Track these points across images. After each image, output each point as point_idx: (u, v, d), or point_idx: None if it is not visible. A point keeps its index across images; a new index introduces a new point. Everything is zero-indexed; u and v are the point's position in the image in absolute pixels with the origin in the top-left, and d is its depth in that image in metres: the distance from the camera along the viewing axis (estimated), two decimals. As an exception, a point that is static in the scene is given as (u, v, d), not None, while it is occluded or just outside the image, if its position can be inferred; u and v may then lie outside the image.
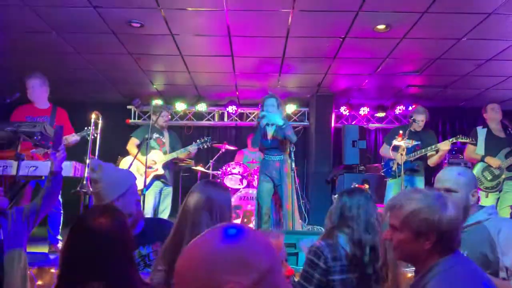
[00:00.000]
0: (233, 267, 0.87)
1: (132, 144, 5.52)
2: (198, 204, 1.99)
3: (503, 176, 4.85)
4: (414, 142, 4.89)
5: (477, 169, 5.00)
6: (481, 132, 5.12)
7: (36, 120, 4.46)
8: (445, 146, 4.95)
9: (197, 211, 1.97)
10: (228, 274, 0.86)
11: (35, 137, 3.50)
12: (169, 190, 5.64)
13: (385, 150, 5.41)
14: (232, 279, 0.85)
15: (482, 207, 2.26)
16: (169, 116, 5.85)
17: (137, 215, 2.37)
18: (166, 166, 5.52)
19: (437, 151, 5.06)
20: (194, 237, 1.92)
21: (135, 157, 5.12)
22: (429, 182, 5.10)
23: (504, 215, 4.84)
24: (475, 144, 5.06)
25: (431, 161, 5.17)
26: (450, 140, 5.03)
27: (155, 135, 5.54)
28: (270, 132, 4.86)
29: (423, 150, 5.05)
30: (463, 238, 2.11)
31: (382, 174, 5.58)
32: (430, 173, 5.08)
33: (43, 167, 3.92)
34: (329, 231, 2.28)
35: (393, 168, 5.11)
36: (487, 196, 4.88)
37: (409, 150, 5.04)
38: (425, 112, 5.30)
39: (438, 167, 5.29)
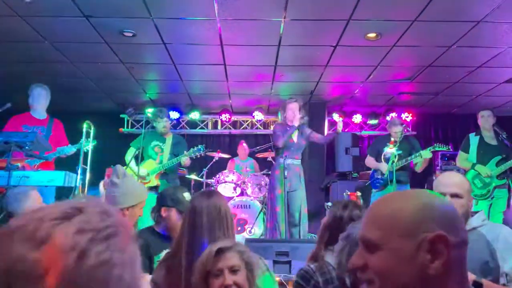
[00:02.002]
0: (445, 222, 0.93)
1: (129, 154, 5.30)
2: (213, 212, 2.01)
3: (493, 185, 4.87)
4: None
5: (467, 177, 5.02)
6: (474, 139, 5.13)
7: (32, 129, 4.47)
8: (427, 154, 5.09)
9: (213, 219, 1.99)
10: (438, 225, 0.91)
11: (26, 147, 3.50)
12: None
13: (369, 161, 5.57)
14: (440, 232, 0.90)
15: (475, 212, 2.26)
16: (168, 121, 5.44)
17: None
18: (164, 176, 5.21)
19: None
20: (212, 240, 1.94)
21: (126, 168, 5.08)
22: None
23: (496, 221, 4.88)
24: (468, 152, 5.12)
25: (418, 167, 5.27)
26: (429, 148, 5.15)
27: (154, 143, 5.29)
28: (294, 135, 4.91)
29: (408, 158, 5.17)
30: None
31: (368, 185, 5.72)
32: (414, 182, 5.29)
33: (35, 177, 3.91)
34: (316, 250, 2.15)
35: (385, 176, 5.15)
36: (477, 204, 4.91)
37: (387, 161, 5.21)
38: (401, 123, 5.48)
39: (420, 175, 5.55)
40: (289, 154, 4.81)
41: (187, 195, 2.71)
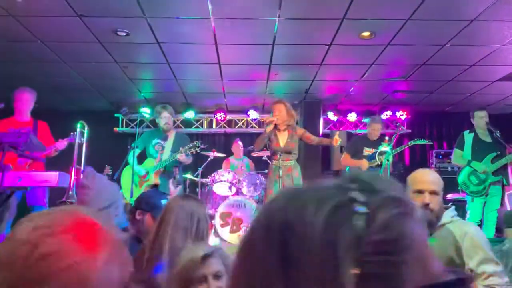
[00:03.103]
0: None
1: (131, 156, 5.03)
2: (179, 220, 2.03)
3: (489, 181, 4.89)
4: (374, 150, 5.23)
5: (463, 174, 5.05)
6: (468, 136, 5.16)
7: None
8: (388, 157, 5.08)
9: (177, 226, 2.00)
10: None
11: (19, 148, 3.48)
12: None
13: (346, 159, 5.63)
14: None
15: (445, 209, 2.30)
16: (171, 118, 5.23)
17: None
18: (164, 174, 5.07)
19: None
20: (173, 251, 1.95)
21: (123, 167, 5.04)
22: None
23: (491, 219, 4.91)
24: (463, 149, 5.14)
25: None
26: (407, 144, 5.32)
27: (155, 141, 5.16)
28: (282, 137, 4.90)
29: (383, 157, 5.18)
30: (430, 242, 2.14)
31: None
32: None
33: (28, 178, 3.88)
34: None
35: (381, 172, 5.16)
36: (472, 200, 4.93)
37: (370, 158, 5.33)
38: (381, 121, 5.59)
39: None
40: (279, 157, 4.82)
41: (164, 202, 2.66)
